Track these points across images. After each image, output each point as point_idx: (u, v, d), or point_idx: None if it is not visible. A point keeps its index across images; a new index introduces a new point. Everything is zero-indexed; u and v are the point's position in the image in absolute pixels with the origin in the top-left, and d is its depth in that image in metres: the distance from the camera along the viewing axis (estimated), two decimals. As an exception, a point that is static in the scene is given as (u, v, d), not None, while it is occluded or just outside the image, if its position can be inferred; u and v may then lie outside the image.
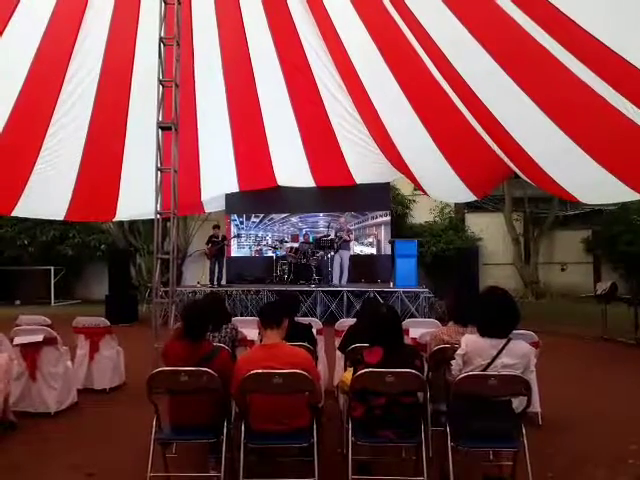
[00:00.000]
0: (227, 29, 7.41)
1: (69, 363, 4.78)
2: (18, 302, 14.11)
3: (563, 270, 14.81)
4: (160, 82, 5.78)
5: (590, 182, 6.33)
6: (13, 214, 8.80)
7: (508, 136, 6.29)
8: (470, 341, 2.83)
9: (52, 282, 14.38)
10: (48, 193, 8.31)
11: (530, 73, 5.47)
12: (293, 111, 8.58)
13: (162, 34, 5.80)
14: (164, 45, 5.85)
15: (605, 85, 4.88)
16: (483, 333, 2.81)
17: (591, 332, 8.16)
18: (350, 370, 3.14)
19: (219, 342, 3.56)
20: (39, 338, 4.43)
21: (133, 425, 3.90)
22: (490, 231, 14.68)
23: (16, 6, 6.11)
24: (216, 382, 2.82)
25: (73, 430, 4.12)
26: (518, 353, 2.75)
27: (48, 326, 4.75)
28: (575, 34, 4.58)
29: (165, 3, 5.78)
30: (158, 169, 5.80)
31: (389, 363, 2.77)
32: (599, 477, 3.26)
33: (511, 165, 7.24)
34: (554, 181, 6.58)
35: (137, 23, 6.84)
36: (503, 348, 2.72)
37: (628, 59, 4.46)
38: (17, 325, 4.81)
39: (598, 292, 8.33)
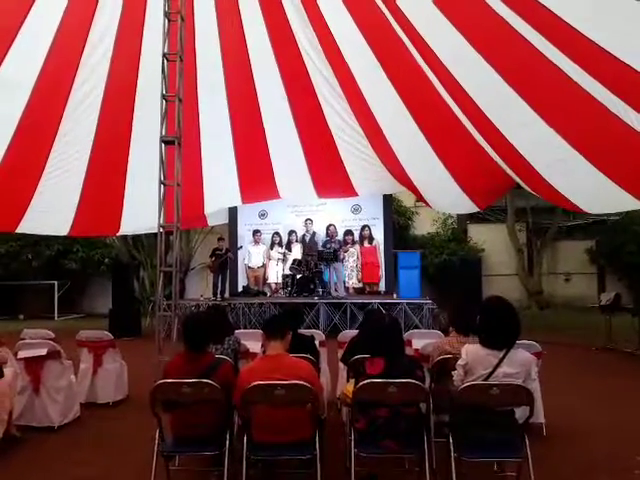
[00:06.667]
0: (229, 45, 7.51)
1: (72, 377, 4.78)
2: (22, 317, 14.13)
3: (567, 281, 14.76)
4: (163, 97, 5.85)
5: (593, 191, 6.33)
6: (17, 231, 8.84)
7: (510, 146, 6.32)
8: (470, 351, 2.83)
9: (56, 296, 14.40)
10: (52, 209, 8.35)
11: (531, 82, 5.50)
12: (295, 125, 8.65)
13: (165, 50, 5.89)
14: (167, 60, 5.92)
15: (607, 92, 4.91)
16: (484, 344, 2.81)
17: (596, 342, 8.12)
18: (352, 382, 3.14)
19: (221, 354, 3.56)
20: (43, 352, 4.44)
21: (136, 438, 3.89)
22: (493, 242, 14.67)
23: (22, 21, 6.21)
24: (218, 394, 2.83)
25: (76, 444, 4.12)
26: (518, 362, 2.74)
27: (51, 340, 4.77)
28: (576, 41, 4.63)
29: (168, 20, 5.87)
30: (161, 183, 5.85)
31: (391, 374, 2.77)
32: (605, 488, 3.24)
33: (513, 176, 7.26)
34: (557, 191, 6.59)
35: (141, 39, 6.94)
36: (504, 357, 2.72)
37: (633, 65, 4.50)
38: (21, 339, 4.83)
39: (602, 302, 8.31)
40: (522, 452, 2.75)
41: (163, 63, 5.88)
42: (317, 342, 4.31)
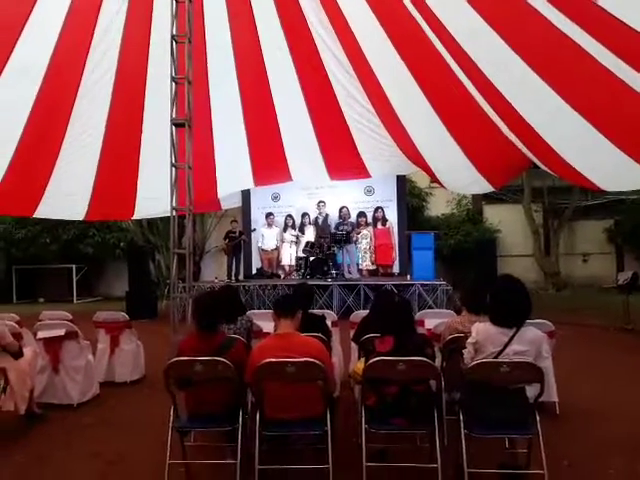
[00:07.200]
0: (238, 25, 7.44)
1: (90, 356, 4.89)
2: (41, 300, 14.47)
3: (585, 261, 14.57)
4: (173, 79, 5.85)
5: (610, 168, 6.19)
6: (35, 215, 8.98)
7: (525, 124, 6.20)
8: (481, 329, 2.82)
9: (74, 280, 14.69)
10: (68, 194, 8.45)
11: (547, 58, 5.37)
12: (306, 106, 8.57)
13: (174, 32, 5.86)
14: (176, 42, 5.91)
15: (627, 67, 4.76)
16: (495, 322, 2.80)
17: (613, 323, 8.04)
18: (362, 360, 3.16)
19: (234, 334, 3.60)
20: (61, 332, 4.55)
21: (153, 416, 3.96)
22: (509, 222, 14.51)
23: (32, 8, 6.21)
24: (231, 371, 2.86)
25: (95, 421, 4.23)
26: (528, 339, 2.73)
27: (69, 321, 4.88)
28: (593, 14, 4.48)
29: (176, 1, 5.83)
30: (173, 165, 5.88)
31: (400, 351, 2.78)
32: (616, 465, 3.22)
33: (529, 154, 7.14)
34: (573, 168, 6.46)
35: (150, 21, 6.91)
36: (514, 335, 2.71)
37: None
38: (40, 320, 4.95)
39: (620, 282, 8.21)
40: (533, 429, 2.75)
41: (172, 45, 5.87)
42: (329, 322, 4.34)
